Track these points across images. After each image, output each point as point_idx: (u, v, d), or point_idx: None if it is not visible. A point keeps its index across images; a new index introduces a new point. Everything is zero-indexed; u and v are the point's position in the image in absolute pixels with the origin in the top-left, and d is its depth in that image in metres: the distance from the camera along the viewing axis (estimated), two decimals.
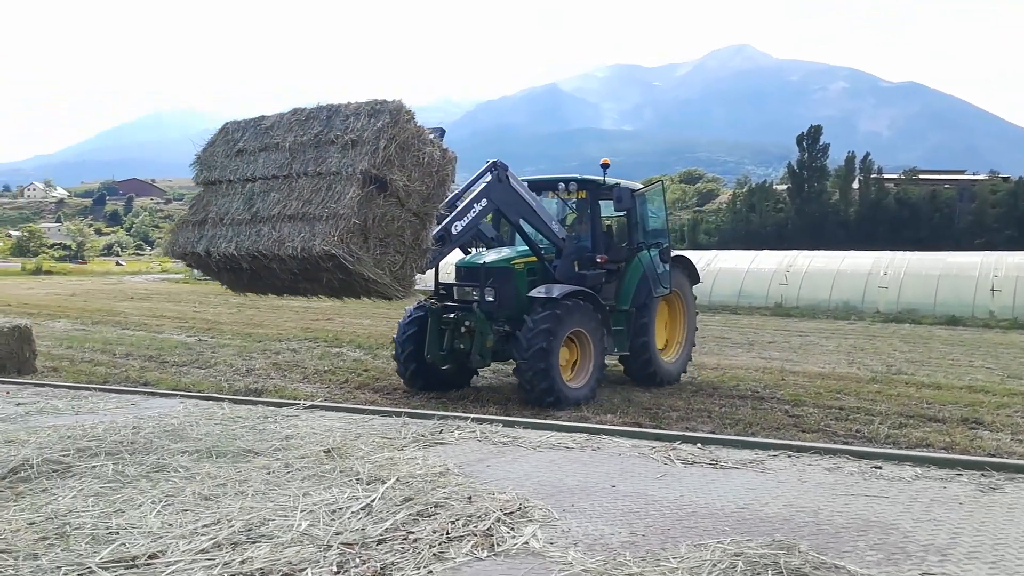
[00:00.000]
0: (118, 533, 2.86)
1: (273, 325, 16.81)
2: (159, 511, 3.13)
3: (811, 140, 58.90)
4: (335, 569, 2.58)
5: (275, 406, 5.89)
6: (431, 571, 2.61)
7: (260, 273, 8.39)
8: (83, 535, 2.83)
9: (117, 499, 3.29)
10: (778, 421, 8.56)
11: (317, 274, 7.83)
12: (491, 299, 9.54)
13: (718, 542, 2.90)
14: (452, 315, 9.63)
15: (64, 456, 3.92)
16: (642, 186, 11.05)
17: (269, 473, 3.79)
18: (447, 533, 2.95)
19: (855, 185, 59.00)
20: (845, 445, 6.36)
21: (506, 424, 5.34)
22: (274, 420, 5.26)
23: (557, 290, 9.31)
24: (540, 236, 10.25)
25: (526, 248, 10.03)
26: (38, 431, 4.75)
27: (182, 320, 16.47)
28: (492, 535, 2.96)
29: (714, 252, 32.93)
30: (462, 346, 9.60)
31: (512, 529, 3.05)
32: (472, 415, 5.85)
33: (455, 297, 9.97)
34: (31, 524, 2.95)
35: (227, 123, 9.29)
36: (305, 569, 2.57)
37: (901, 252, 26.97)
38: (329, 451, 4.25)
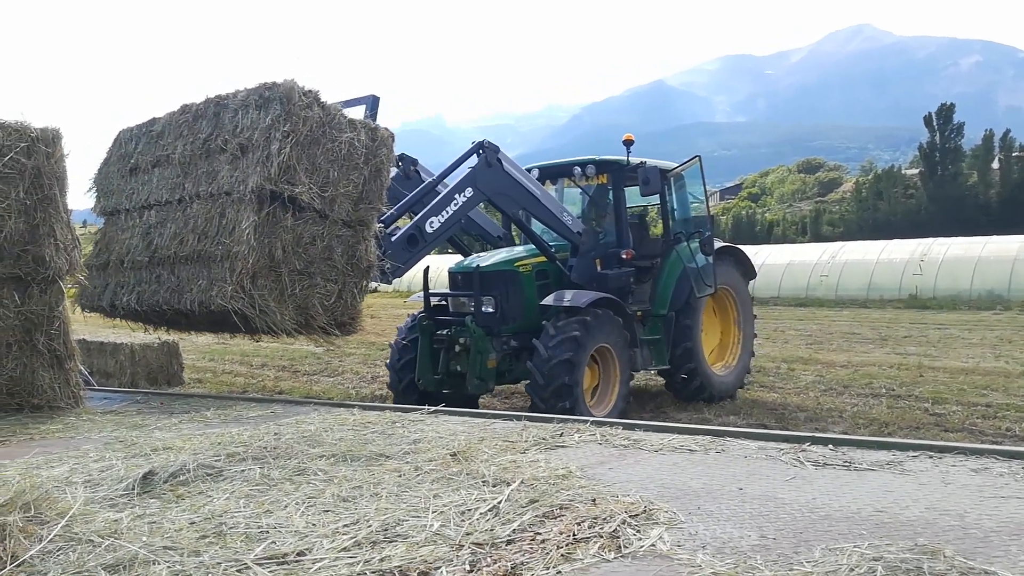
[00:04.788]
0: (268, 532, 3.07)
1: (395, 333, 17.42)
2: (303, 512, 3.34)
3: (943, 119, 55.05)
4: (468, 568, 2.68)
5: (401, 411, 6.12)
6: (560, 571, 2.66)
7: (182, 323, 6.99)
8: (238, 534, 3.07)
9: (265, 500, 3.54)
10: (917, 420, 8.13)
11: (234, 324, 6.15)
12: (490, 310, 8.03)
13: (855, 546, 2.80)
14: (446, 332, 8.18)
15: (216, 461, 4.24)
16: (676, 165, 9.36)
17: (400, 476, 3.95)
18: (573, 535, 3.00)
19: (995, 165, 54.73)
20: (994, 444, 5.97)
21: (626, 427, 5.32)
22: (401, 425, 5.47)
23: (579, 297, 7.76)
24: (551, 232, 8.66)
25: (535, 248, 8.50)
26: (191, 438, 5.16)
27: None
28: (618, 537, 2.98)
29: (839, 243, 31.55)
30: (459, 368, 8.00)
31: (638, 531, 3.05)
32: (591, 418, 5.86)
33: (450, 309, 8.47)
34: (192, 524, 3.22)
35: (120, 131, 7.77)
36: (440, 568, 2.68)
37: None
38: (455, 454, 4.38)
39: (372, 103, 7.62)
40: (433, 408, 6.17)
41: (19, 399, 6.68)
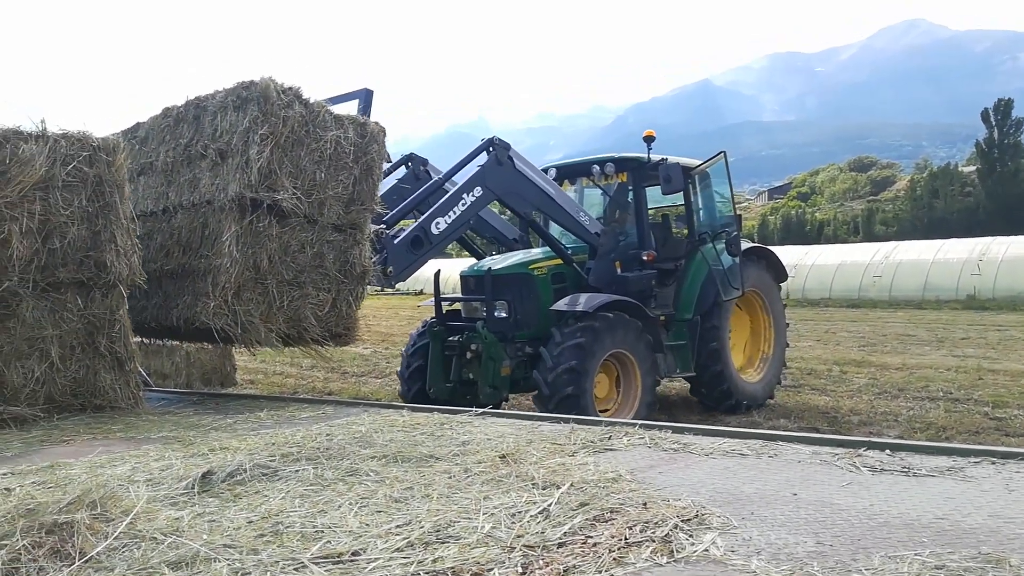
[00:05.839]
0: (323, 532, 3.13)
1: None
2: (357, 512, 3.39)
3: (1001, 115, 53.31)
4: (520, 570, 2.69)
5: (450, 413, 6.16)
6: (612, 575, 2.66)
7: (172, 336, 6.78)
8: (293, 533, 3.13)
9: (319, 500, 3.60)
10: (977, 425, 7.90)
11: (225, 337, 5.96)
12: (503, 315, 7.75)
13: (915, 554, 2.73)
14: (457, 338, 7.90)
15: (271, 461, 4.32)
16: (699, 162, 8.95)
17: (450, 477, 3.99)
18: (625, 539, 2.99)
19: None
20: None
21: (675, 431, 5.27)
22: (450, 427, 5.51)
23: (589, 301, 7.42)
24: (570, 234, 8.39)
25: (552, 250, 8.21)
26: (246, 438, 5.27)
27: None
28: (671, 542, 2.96)
29: (893, 243, 30.81)
30: (471, 376, 7.72)
31: (691, 536, 3.03)
32: (640, 421, 5.82)
33: (463, 315, 8.23)
34: (249, 522, 3.29)
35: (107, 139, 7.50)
36: (492, 569, 2.70)
37: None
38: (504, 456, 4.40)
39: (365, 97, 7.26)
40: (480, 410, 6.20)
41: (82, 400, 6.90)
